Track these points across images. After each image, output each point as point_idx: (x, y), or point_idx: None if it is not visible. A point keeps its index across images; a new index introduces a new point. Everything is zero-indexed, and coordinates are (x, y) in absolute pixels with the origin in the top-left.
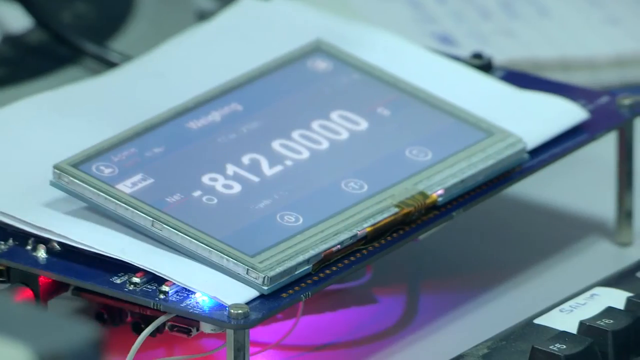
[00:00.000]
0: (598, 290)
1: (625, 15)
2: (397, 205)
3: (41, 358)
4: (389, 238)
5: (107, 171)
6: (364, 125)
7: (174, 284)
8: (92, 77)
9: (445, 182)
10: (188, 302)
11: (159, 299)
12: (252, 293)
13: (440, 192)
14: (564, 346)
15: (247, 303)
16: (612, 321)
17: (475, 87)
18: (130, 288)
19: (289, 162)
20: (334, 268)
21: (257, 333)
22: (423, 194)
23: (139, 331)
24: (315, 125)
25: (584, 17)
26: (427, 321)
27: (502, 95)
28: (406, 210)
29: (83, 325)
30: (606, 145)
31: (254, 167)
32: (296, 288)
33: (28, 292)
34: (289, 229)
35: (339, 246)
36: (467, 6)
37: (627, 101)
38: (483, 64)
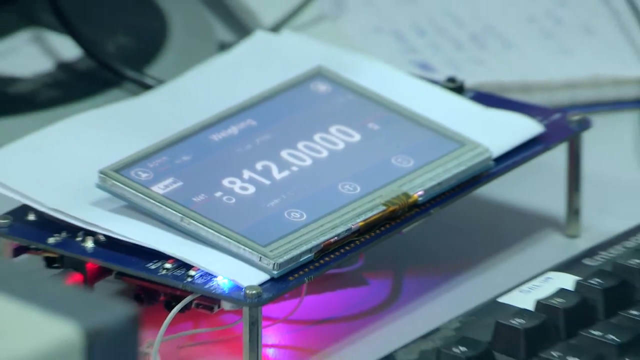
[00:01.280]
0: (551, 274)
1: (575, 46)
2: (384, 204)
3: (87, 333)
4: (377, 231)
5: (143, 175)
6: (357, 137)
7: (199, 269)
8: (131, 98)
9: (424, 185)
10: (211, 284)
11: (187, 281)
12: (264, 276)
13: (420, 192)
14: (523, 321)
15: (260, 285)
16: (563, 300)
17: (449, 106)
18: (163, 272)
19: (294, 168)
20: (332, 256)
21: (268, 310)
22: (406, 195)
23: (170, 308)
24: (316, 137)
25: (541, 48)
26: (410, 300)
27: (472, 113)
28: (392, 208)
29: (123, 304)
30: (558, 154)
31: (266, 172)
32: (301, 272)
33: (78, 277)
34: (295, 224)
35: (336, 238)
36: (442, 39)
37: (576, 118)
38: (456, 87)
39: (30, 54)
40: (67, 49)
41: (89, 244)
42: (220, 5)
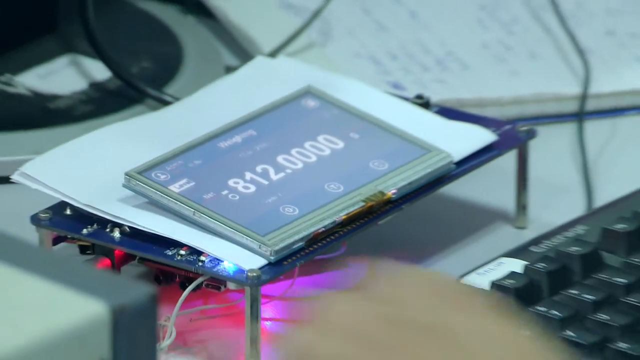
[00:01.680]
0: (503, 259)
1: (522, 69)
2: (363, 201)
3: (113, 309)
4: (358, 223)
5: (162, 177)
6: (340, 145)
7: (209, 255)
8: (152, 112)
9: (397, 184)
10: (218, 267)
11: (198, 265)
12: (263, 261)
13: (394, 191)
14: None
15: (259, 268)
16: (513, 281)
17: (417, 118)
18: (178, 258)
19: (288, 170)
20: (320, 244)
21: (266, 289)
22: (382, 193)
23: (184, 288)
24: (306, 145)
25: (494, 70)
26: None
27: (436, 124)
28: (370, 204)
29: (144, 284)
30: (509, 159)
31: (264, 174)
32: (293, 258)
33: (107, 262)
34: (288, 217)
35: (323, 228)
36: (411, 63)
37: (523, 128)
38: (423, 103)
39: (67, 75)
40: (99, 71)
41: (116, 234)
42: (226, 34)
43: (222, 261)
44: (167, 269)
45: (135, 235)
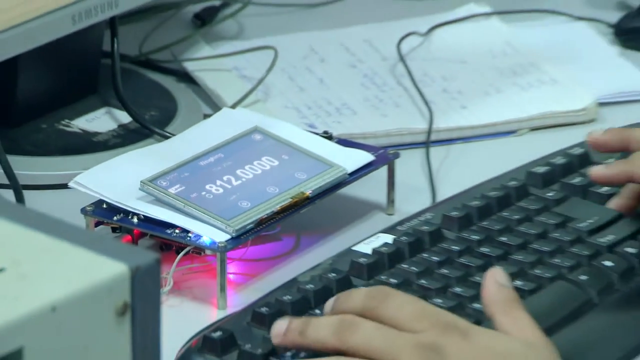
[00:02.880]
0: (380, 234)
1: (389, 113)
2: (291, 198)
3: (131, 268)
4: (287, 212)
5: (164, 183)
6: (276, 163)
7: (194, 232)
8: (158, 143)
9: (312, 187)
10: (200, 240)
11: (187, 239)
12: (228, 236)
13: (310, 192)
14: (366, 259)
15: (226, 241)
16: (386, 248)
17: (324, 146)
18: (174, 234)
19: (243, 179)
20: (263, 225)
21: (230, 254)
22: (302, 193)
23: (178, 253)
24: (255, 163)
25: (371, 115)
26: (304, 250)
27: (336, 149)
28: (295, 200)
29: (152, 252)
30: (382, 171)
31: (229, 181)
32: (247, 234)
33: (129, 238)
34: (244, 208)
35: (265, 215)
36: (320, 111)
37: (391, 152)
38: (328, 136)
39: (104, 120)
40: (124, 117)
41: (135, 220)
42: (205, 94)
43: (202, 236)
44: (167, 242)
45: (147, 220)
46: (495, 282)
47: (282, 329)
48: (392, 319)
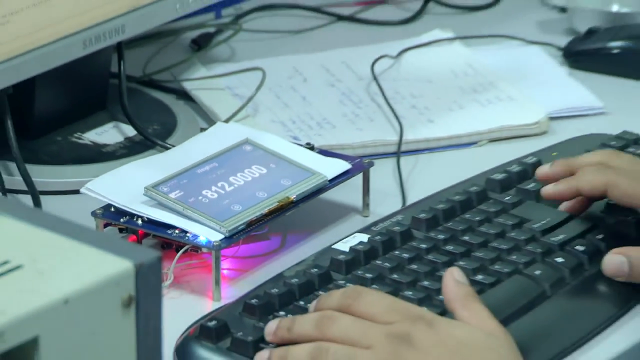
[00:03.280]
0: (356, 234)
1: (365, 127)
2: (278, 202)
3: (136, 264)
4: (274, 214)
5: (165, 189)
6: (265, 170)
7: (191, 232)
8: (160, 153)
9: (296, 193)
10: (197, 239)
11: (186, 238)
12: (222, 236)
13: (294, 197)
14: (344, 256)
15: (220, 240)
16: (362, 246)
17: (307, 156)
18: (174, 234)
19: (235, 185)
20: (253, 226)
21: (224, 252)
22: (288, 197)
23: (177, 251)
24: (246, 171)
25: (348, 129)
26: (289, 247)
27: (317, 159)
28: (281, 203)
29: (155, 250)
30: (358, 178)
31: (222, 187)
32: (239, 234)
33: (134, 238)
34: (236, 211)
35: (255, 217)
36: (303, 125)
37: (366, 161)
38: (310, 147)
39: (112, 133)
40: (129, 131)
41: (139, 221)
42: (201, 110)
43: (199, 236)
44: (168, 241)
45: (150, 222)
46: (454, 280)
47: (272, 327)
48: (365, 314)
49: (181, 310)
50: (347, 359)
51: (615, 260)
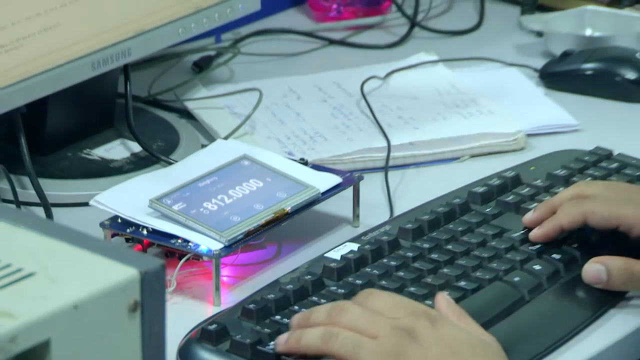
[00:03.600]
0: (347, 243)
1: (355, 137)
2: (274, 213)
3: (141, 272)
4: (270, 225)
5: (169, 201)
6: (261, 184)
7: (194, 242)
8: (163, 168)
9: (291, 205)
10: (198, 248)
11: (188, 247)
12: (221, 245)
13: (289, 208)
14: (335, 264)
15: (220, 249)
16: (352, 254)
17: (301, 170)
18: (177, 244)
19: (234, 198)
20: (251, 236)
21: (223, 260)
22: (283, 209)
23: (180, 259)
24: (243, 184)
25: (339, 142)
26: (285, 256)
27: (310, 173)
28: (277, 215)
29: (159, 258)
30: (349, 191)
31: (222, 200)
32: (237, 243)
33: (139, 247)
34: (234, 222)
35: (252, 228)
36: (297, 140)
37: (356, 174)
38: (304, 162)
39: (119, 150)
40: (135, 147)
41: (145, 232)
42: (202, 127)
43: (200, 245)
44: (171, 250)
45: (155, 232)
46: (446, 301)
47: (284, 338)
48: (375, 309)
49: (183, 314)
50: (353, 345)
51: (594, 269)
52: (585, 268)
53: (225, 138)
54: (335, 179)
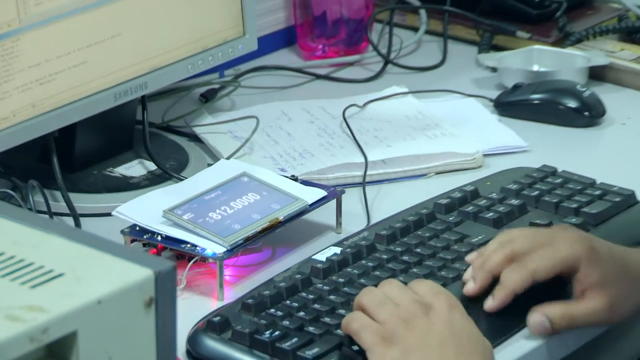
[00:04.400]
0: (331, 247)
1: (338, 152)
2: (269, 222)
3: (155, 272)
4: (266, 232)
5: (179, 212)
6: (258, 197)
7: (201, 246)
8: (175, 184)
9: (283, 214)
10: (205, 252)
11: (196, 251)
12: (224, 249)
13: (282, 217)
14: (321, 265)
15: (223, 252)
16: (335, 257)
17: (292, 185)
18: (187, 248)
19: (235, 208)
20: (250, 241)
21: (226, 262)
22: (277, 218)
23: (189, 261)
24: (243, 197)
25: (324, 156)
26: (278, 258)
27: (299, 187)
28: (272, 223)
29: (171, 260)
30: (332, 204)
31: (225, 210)
32: (238, 247)
33: (154, 251)
34: (235, 229)
35: (250, 235)
36: (288, 158)
37: (339, 189)
38: (294, 178)
39: (137, 168)
40: (151, 166)
41: (159, 238)
42: (207, 149)
43: (206, 249)
44: (181, 253)
45: (167, 238)
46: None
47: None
48: (401, 289)
49: (192, 308)
50: (379, 303)
51: (537, 321)
52: (530, 322)
53: (228, 158)
54: (321, 193)
